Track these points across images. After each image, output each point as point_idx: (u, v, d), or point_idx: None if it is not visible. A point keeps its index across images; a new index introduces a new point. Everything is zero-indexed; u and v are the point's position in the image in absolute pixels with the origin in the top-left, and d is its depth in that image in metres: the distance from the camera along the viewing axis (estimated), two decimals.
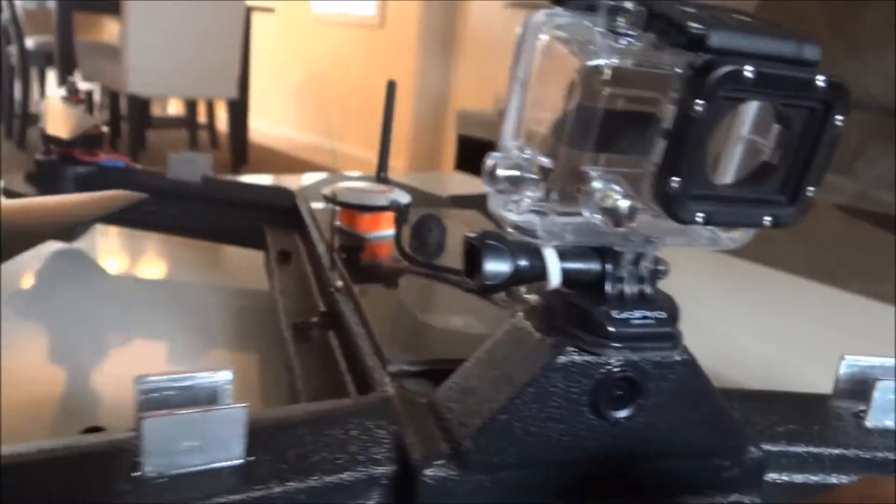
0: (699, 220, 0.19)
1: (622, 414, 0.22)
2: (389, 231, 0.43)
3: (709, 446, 0.23)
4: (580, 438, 0.22)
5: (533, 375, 0.21)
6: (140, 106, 2.69)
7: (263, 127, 3.73)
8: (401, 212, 0.40)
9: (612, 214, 0.20)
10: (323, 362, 0.32)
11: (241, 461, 0.21)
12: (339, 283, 0.36)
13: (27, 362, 0.43)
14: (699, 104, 0.18)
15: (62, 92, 0.57)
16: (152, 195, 0.55)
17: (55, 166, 0.54)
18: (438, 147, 3.01)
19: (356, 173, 0.71)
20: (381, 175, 0.49)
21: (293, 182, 0.74)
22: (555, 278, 0.21)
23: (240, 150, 2.88)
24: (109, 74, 2.44)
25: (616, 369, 0.21)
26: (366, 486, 0.22)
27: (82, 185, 0.55)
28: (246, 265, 0.67)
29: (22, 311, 0.51)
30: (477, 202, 0.60)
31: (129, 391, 0.21)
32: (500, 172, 0.21)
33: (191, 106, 3.15)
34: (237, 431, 0.21)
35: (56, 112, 0.51)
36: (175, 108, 4.03)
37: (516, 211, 0.21)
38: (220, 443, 0.20)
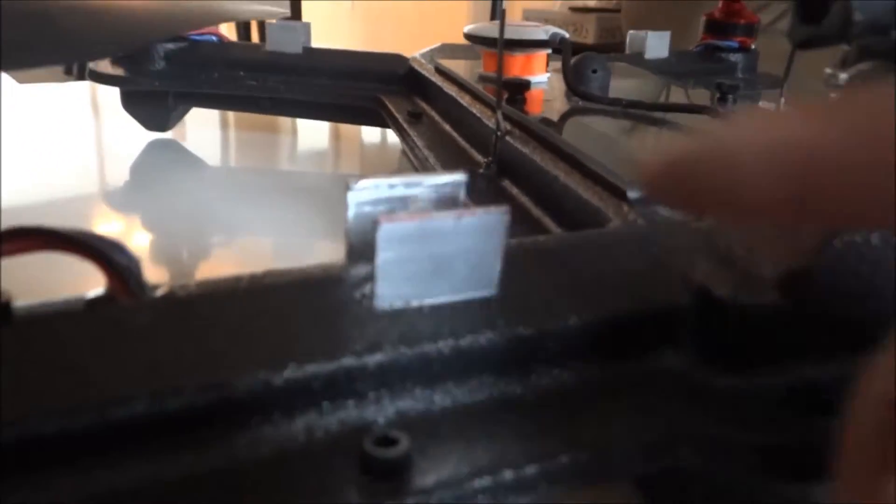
0: None
1: None
2: (542, 76, 0.37)
3: None
4: None
5: None
6: None
7: (315, 45, 3.61)
8: (566, 46, 0.33)
9: None
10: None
11: (496, 292, 0.15)
12: (509, 127, 0.29)
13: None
14: None
15: None
16: (250, 70, 0.50)
17: None
18: None
19: None
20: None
21: None
22: None
23: None
24: None
25: None
26: (664, 326, 0.16)
27: (174, 60, 0.50)
28: (353, 150, 0.62)
29: (122, 206, 0.47)
30: (619, 60, 0.52)
31: None
32: None
33: (244, 25, 3.08)
34: (495, 248, 0.15)
35: None
36: (226, 29, 3.96)
37: None
38: (470, 265, 0.15)
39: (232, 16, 0.19)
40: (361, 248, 0.16)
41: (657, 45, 0.55)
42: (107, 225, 0.45)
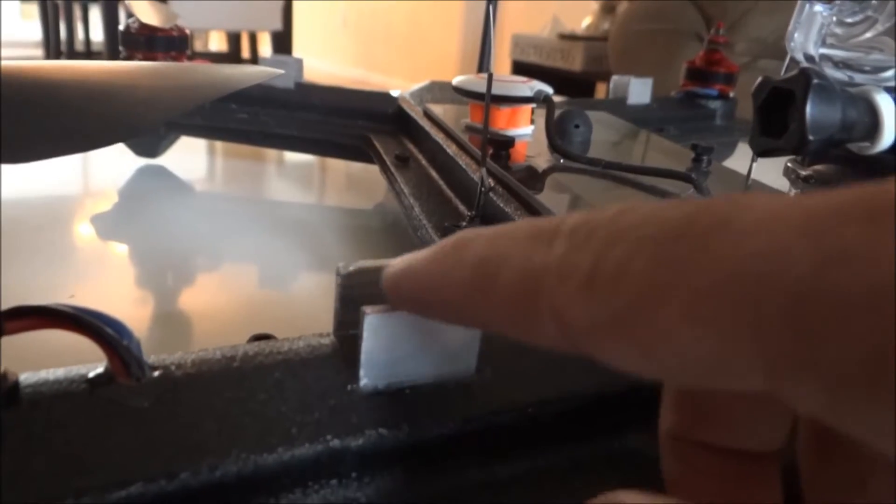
0: None
1: None
2: (527, 128, 0.38)
3: None
4: None
5: None
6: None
7: (306, 60, 3.63)
8: (550, 103, 0.34)
9: None
10: None
11: (474, 373, 0.16)
12: (492, 183, 0.31)
13: (110, 283, 0.40)
14: None
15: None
16: (242, 103, 0.51)
17: None
18: None
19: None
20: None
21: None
22: (889, 135, 0.16)
23: None
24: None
25: None
26: (631, 406, 0.17)
27: None
28: (341, 181, 0.63)
29: (108, 231, 0.47)
30: (602, 105, 0.54)
31: (232, 312, 0.16)
32: None
33: (234, 39, 3.08)
34: (472, 334, 0.16)
35: (143, 7, 0.46)
36: (217, 43, 3.97)
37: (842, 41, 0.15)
38: (449, 349, 0.16)
39: (236, 83, 0.20)
40: (348, 327, 0.17)
41: (639, 91, 0.56)
42: (93, 249, 0.45)
